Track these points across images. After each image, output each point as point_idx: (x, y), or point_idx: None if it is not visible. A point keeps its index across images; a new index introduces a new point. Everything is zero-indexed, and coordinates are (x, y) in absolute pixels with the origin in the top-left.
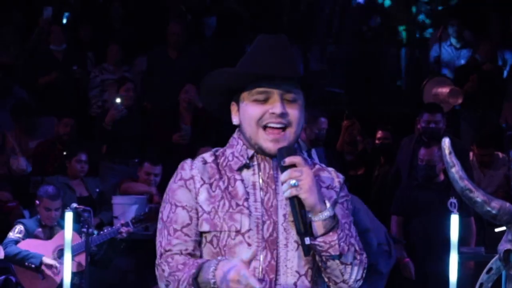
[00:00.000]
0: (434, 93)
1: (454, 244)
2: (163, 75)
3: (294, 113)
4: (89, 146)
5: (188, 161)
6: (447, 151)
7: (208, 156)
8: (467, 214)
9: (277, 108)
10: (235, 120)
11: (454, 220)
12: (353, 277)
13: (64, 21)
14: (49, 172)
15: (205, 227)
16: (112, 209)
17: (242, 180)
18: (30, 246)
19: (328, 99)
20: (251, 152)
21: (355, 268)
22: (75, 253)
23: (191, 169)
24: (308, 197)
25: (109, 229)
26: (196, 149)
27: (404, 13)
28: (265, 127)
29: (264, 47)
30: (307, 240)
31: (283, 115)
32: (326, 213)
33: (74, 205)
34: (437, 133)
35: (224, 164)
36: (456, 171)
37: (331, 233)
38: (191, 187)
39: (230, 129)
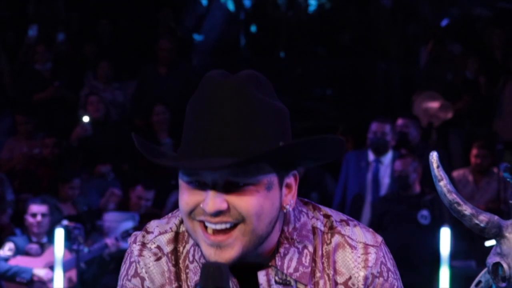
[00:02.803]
0: (424, 107)
1: (445, 257)
2: (153, 92)
3: (245, 204)
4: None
5: (137, 247)
6: (435, 165)
7: (165, 241)
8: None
9: (207, 204)
10: None
11: (445, 233)
12: None
13: (59, 39)
14: (37, 191)
15: None
16: (102, 230)
17: None
18: (20, 263)
19: (317, 114)
20: None
21: None
22: (65, 269)
23: (139, 262)
24: None
25: (98, 244)
26: None
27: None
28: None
29: (201, 107)
30: None
31: (219, 214)
32: None
33: (65, 222)
34: (383, 144)
35: (187, 261)
36: (444, 184)
37: None
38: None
39: None
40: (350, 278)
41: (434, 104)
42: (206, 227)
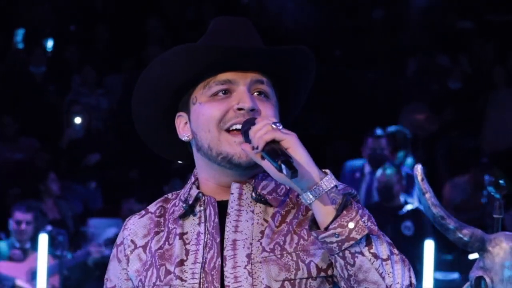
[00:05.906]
0: (410, 119)
1: (428, 270)
2: None
3: (267, 110)
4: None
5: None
6: (419, 178)
7: (154, 204)
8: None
9: (246, 102)
10: (185, 135)
11: (429, 245)
12: (399, 280)
13: (50, 44)
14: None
15: None
16: (86, 236)
17: (183, 234)
18: (3, 268)
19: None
20: (195, 192)
21: (397, 267)
22: (48, 275)
23: (124, 229)
24: (297, 149)
25: (81, 251)
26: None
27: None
28: (229, 131)
29: (223, 27)
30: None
31: (253, 111)
32: (329, 181)
33: (49, 227)
34: (381, 159)
35: (171, 211)
36: (428, 197)
37: (345, 211)
38: (121, 255)
39: None
40: None
41: (420, 116)
42: (230, 133)
